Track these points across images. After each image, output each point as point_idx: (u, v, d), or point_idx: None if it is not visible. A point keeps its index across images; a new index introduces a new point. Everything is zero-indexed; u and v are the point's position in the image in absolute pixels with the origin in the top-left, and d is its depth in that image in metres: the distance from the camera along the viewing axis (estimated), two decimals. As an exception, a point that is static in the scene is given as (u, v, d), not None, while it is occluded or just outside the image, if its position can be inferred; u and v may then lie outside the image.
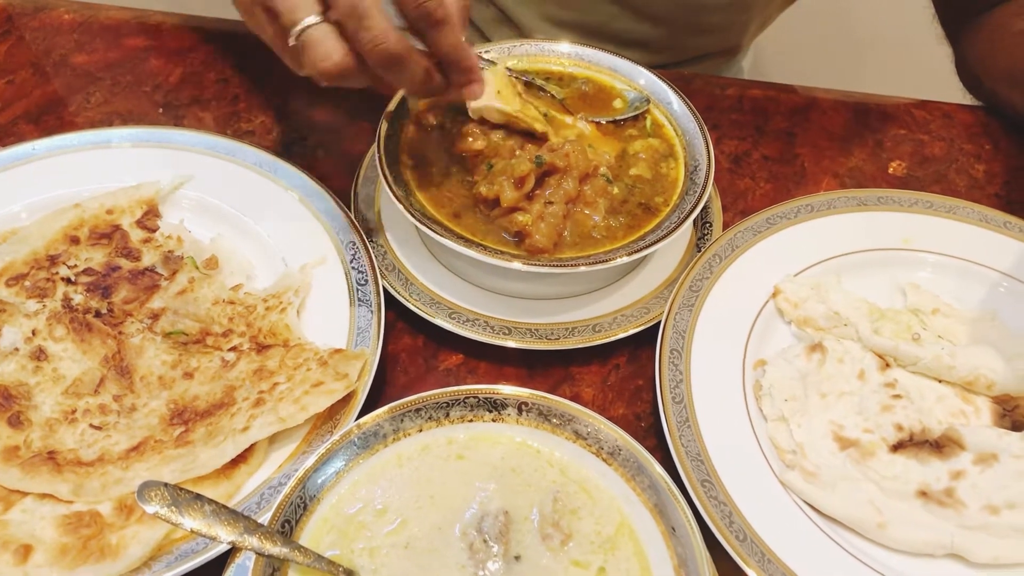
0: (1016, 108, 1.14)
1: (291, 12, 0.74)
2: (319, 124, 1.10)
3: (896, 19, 1.34)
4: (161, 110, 1.12)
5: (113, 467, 0.76)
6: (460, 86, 0.82)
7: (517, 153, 0.90)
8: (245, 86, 1.15)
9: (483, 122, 0.94)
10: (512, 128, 0.94)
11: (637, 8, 1.27)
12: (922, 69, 1.38)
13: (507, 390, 0.75)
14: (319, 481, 0.69)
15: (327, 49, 0.74)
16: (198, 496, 0.65)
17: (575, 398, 0.87)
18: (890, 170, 1.10)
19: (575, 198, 0.89)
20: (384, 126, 0.93)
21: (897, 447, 0.80)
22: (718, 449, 0.79)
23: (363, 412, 0.75)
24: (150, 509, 0.63)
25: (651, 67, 1.12)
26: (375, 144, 0.92)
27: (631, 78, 1.02)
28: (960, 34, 1.23)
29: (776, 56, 2.36)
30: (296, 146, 1.08)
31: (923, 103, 1.20)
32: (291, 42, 0.74)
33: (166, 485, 0.64)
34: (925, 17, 1.29)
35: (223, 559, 0.70)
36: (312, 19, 0.73)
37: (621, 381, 0.89)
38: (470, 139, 0.93)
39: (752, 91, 1.19)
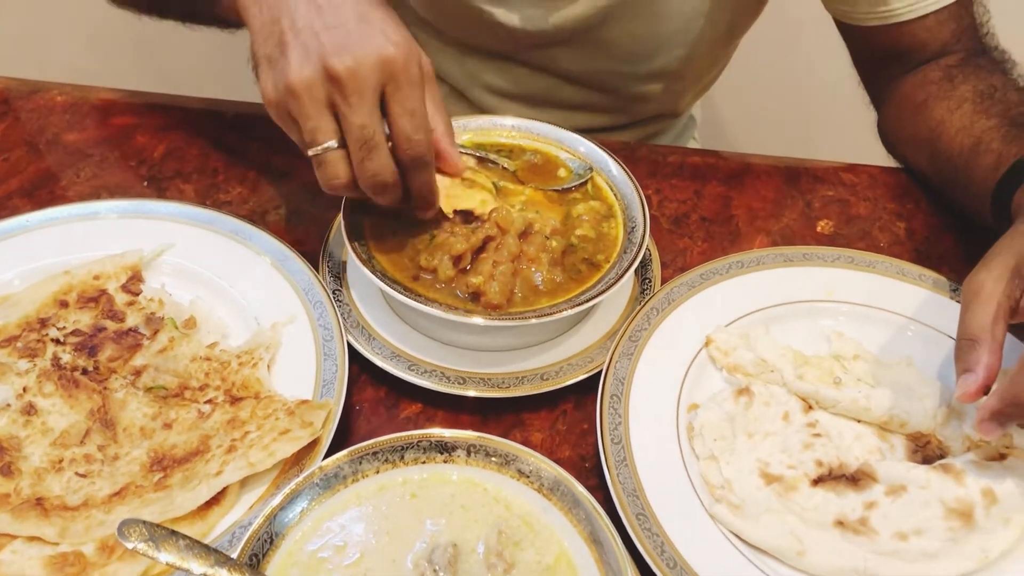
0: (922, 171, 1.26)
1: (312, 133, 0.87)
2: (292, 194, 1.19)
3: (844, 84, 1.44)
4: (146, 183, 1.21)
5: (96, 511, 0.83)
6: (417, 210, 0.98)
7: (455, 231, 0.98)
8: (224, 160, 1.24)
9: None
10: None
11: (574, 79, 1.38)
12: (860, 130, 1.47)
13: (456, 433, 0.82)
14: (284, 520, 0.76)
15: (337, 172, 0.89)
16: (173, 532, 0.72)
17: (525, 442, 0.94)
18: (818, 228, 1.20)
19: (518, 255, 0.97)
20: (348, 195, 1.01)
21: (817, 481, 0.88)
22: (653, 485, 0.86)
23: (327, 457, 0.82)
24: (129, 545, 0.70)
25: (601, 129, 1.16)
26: (341, 212, 1.00)
27: (574, 148, 1.12)
28: (880, 99, 1.35)
29: (730, 120, 2.50)
30: (271, 214, 1.17)
31: (851, 166, 1.30)
32: (308, 154, 0.88)
33: (144, 522, 0.71)
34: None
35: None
36: (330, 144, 0.87)
37: (568, 426, 0.96)
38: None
39: (692, 158, 1.29)
